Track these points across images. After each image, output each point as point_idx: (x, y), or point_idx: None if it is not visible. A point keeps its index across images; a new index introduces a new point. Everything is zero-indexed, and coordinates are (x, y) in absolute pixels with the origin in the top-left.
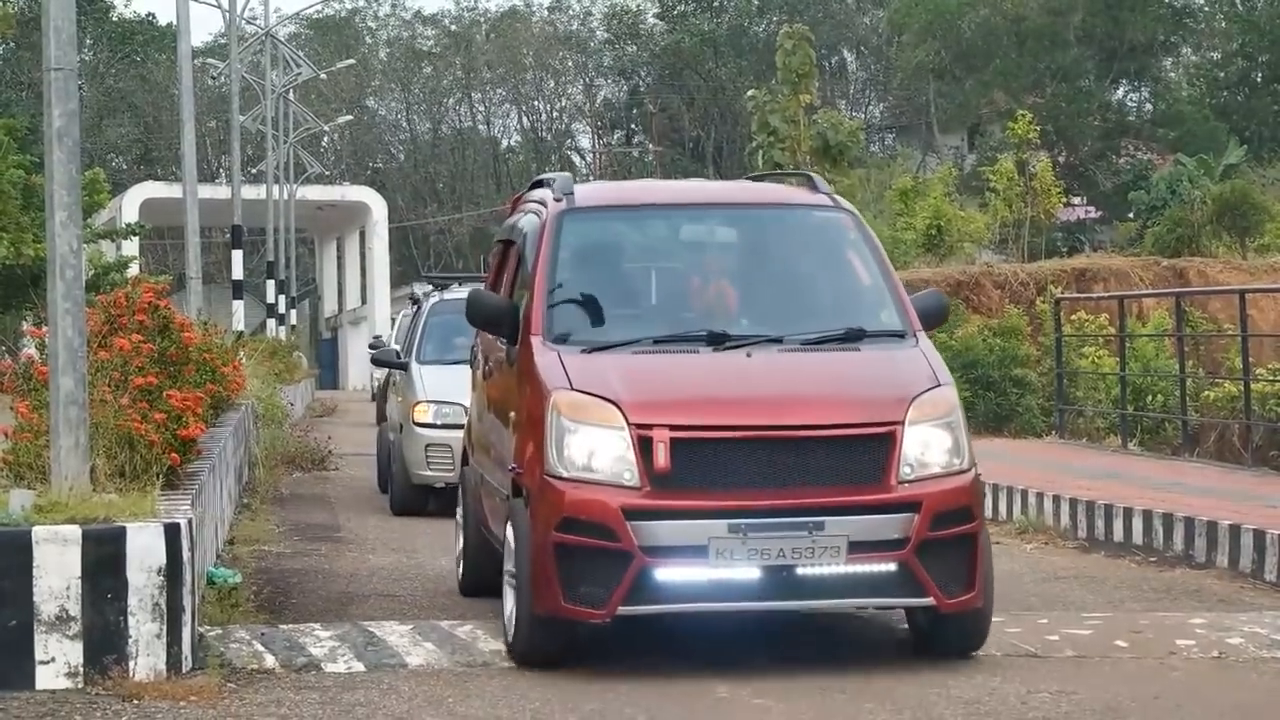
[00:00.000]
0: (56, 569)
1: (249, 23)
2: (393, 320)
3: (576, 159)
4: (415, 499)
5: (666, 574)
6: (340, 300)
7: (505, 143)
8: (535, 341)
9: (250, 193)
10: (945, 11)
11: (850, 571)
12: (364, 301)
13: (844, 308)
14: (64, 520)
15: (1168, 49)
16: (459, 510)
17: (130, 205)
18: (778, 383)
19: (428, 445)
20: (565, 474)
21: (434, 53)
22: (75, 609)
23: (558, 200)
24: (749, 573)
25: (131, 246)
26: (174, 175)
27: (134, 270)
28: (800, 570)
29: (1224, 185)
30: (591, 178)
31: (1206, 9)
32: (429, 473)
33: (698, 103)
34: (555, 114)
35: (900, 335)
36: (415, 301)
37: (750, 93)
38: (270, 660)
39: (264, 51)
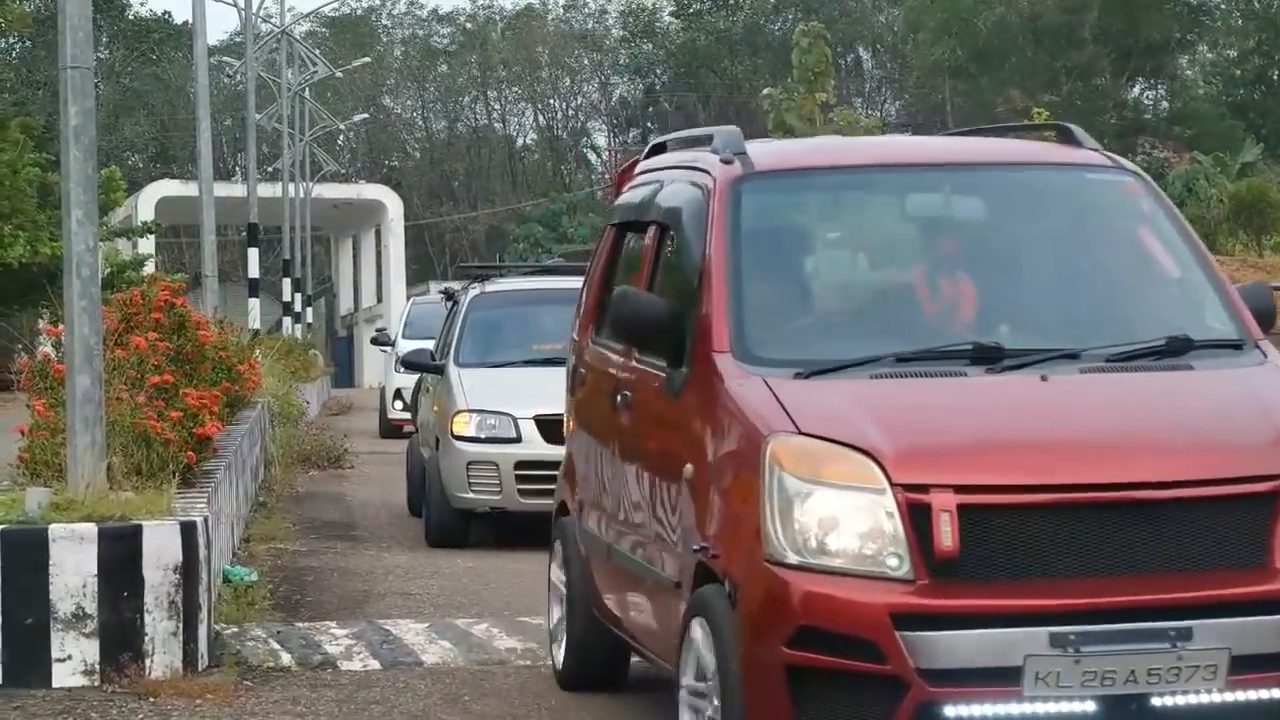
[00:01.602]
0: (73, 567)
1: (265, 21)
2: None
3: (592, 157)
4: (455, 527)
5: (961, 710)
6: (356, 298)
7: (521, 141)
8: (723, 362)
9: (266, 191)
10: (961, 10)
11: (1233, 701)
12: (379, 300)
13: (1152, 307)
14: (80, 518)
15: (1184, 47)
16: (553, 571)
17: (146, 203)
18: (1098, 418)
19: (470, 463)
20: (795, 559)
21: (449, 51)
22: (91, 607)
23: (728, 163)
24: (1083, 706)
25: (147, 245)
26: (190, 173)
27: (150, 268)
28: (1157, 701)
29: (1240, 183)
30: (607, 176)
31: (1223, 7)
32: (471, 495)
33: (713, 101)
34: (571, 112)
35: (1237, 345)
36: (450, 298)
37: (766, 91)
38: (286, 658)
39: (280, 50)
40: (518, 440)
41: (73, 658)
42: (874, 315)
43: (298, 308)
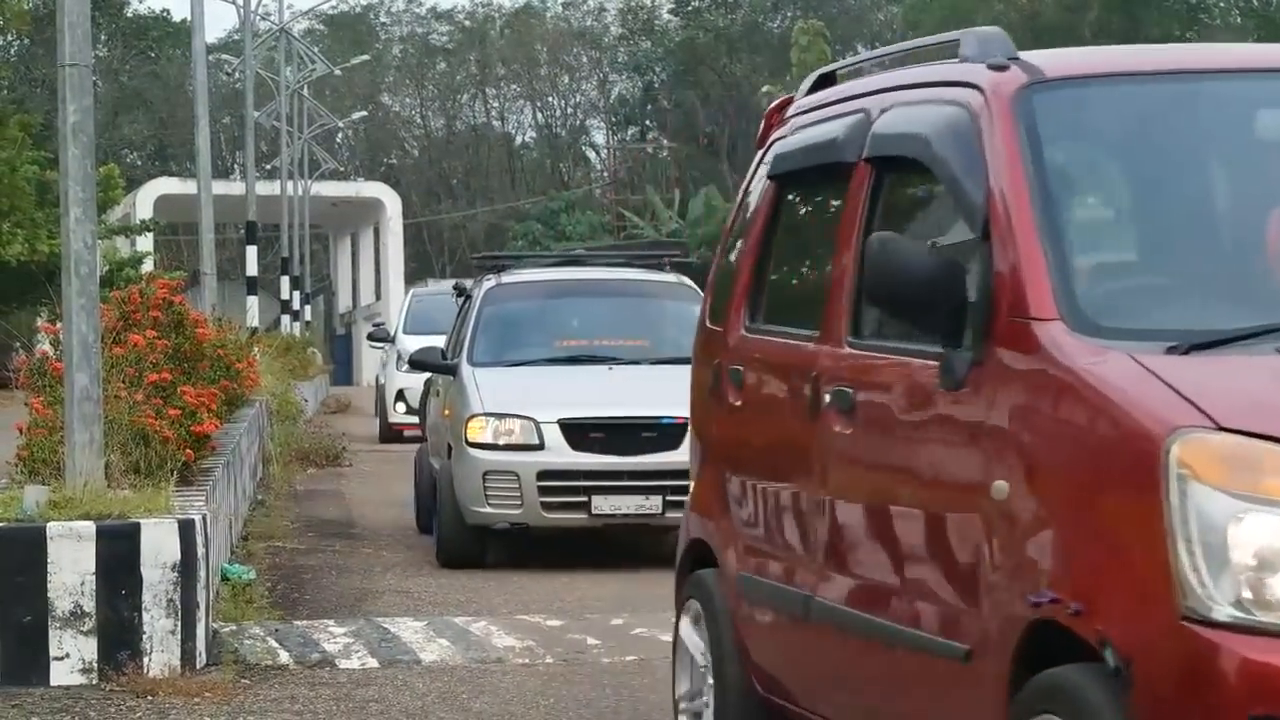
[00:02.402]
0: (71, 565)
1: (263, 19)
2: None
3: (591, 155)
4: (470, 546)
5: None
6: (354, 296)
7: (520, 139)
8: (1051, 334)
9: (264, 189)
10: (960, 7)
11: None
12: (378, 298)
13: None
14: (78, 516)
15: (1183, 44)
16: (686, 632)
17: (145, 201)
18: None
19: (486, 473)
20: (1231, 614)
21: (448, 49)
22: (90, 605)
23: (1000, 68)
24: None
25: (146, 242)
26: (188, 171)
27: (148, 266)
28: None
29: None
30: (606, 174)
31: (1222, 4)
32: (488, 510)
33: (712, 99)
34: (570, 110)
35: None
36: (462, 293)
37: (765, 89)
38: (284, 656)
39: (278, 47)
40: (540, 447)
41: (71, 656)
42: (1243, 268)
43: (296, 306)
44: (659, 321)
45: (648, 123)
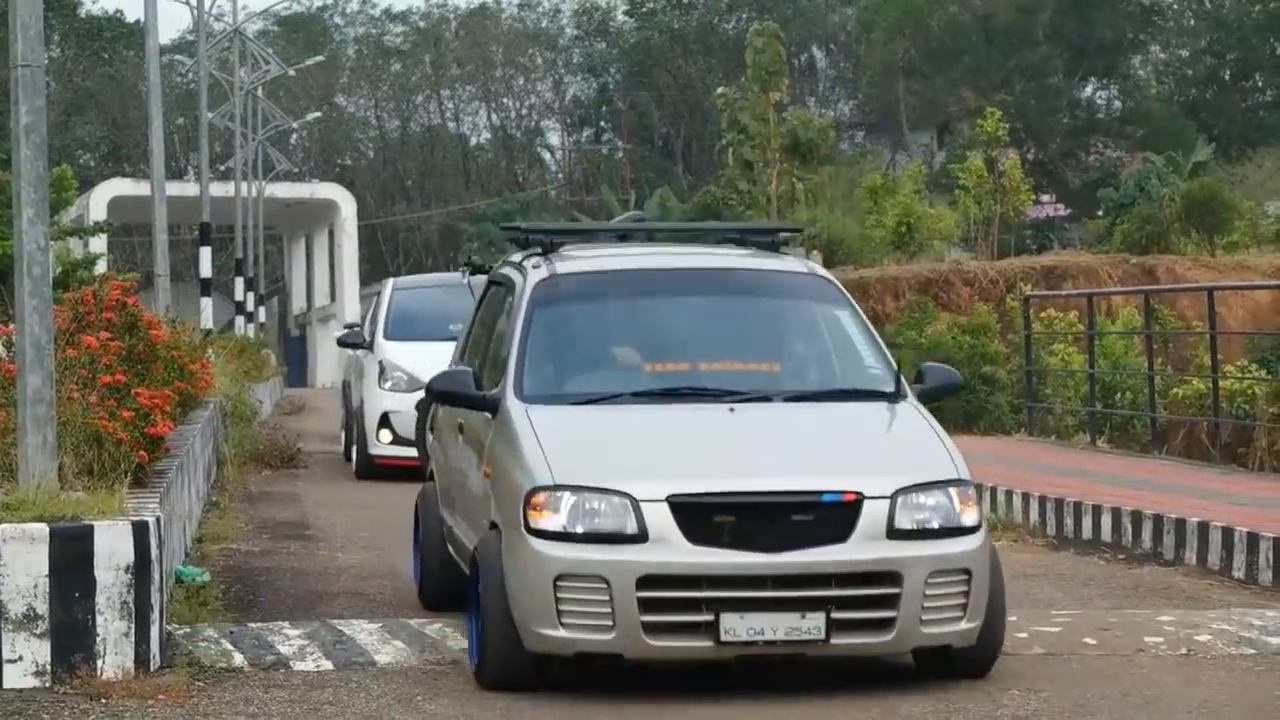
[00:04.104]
0: (24, 567)
1: (217, 20)
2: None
3: (546, 156)
4: (525, 673)
5: None
6: (309, 298)
7: (475, 140)
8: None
9: (218, 190)
10: (914, 9)
11: None
12: (333, 299)
13: None
14: (31, 518)
15: (1136, 47)
16: None
17: (98, 202)
18: None
19: (559, 578)
20: None
21: (403, 50)
22: (43, 607)
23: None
24: None
25: (99, 244)
26: (142, 172)
27: (102, 268)
28: None
29: (1192, 183)
30: (561, 176)
31: (1175, 7)
32: (561, 634)
33: (667, 100)
34: (524, 111)
35: None
36: (479, 271)
37: (720, 90)
38: (239, 659)
39: (232, 48)
40: (642, 539)
41: (24, 659)
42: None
43: (250, 307)
44: (795, 334)
45: (602, 124)
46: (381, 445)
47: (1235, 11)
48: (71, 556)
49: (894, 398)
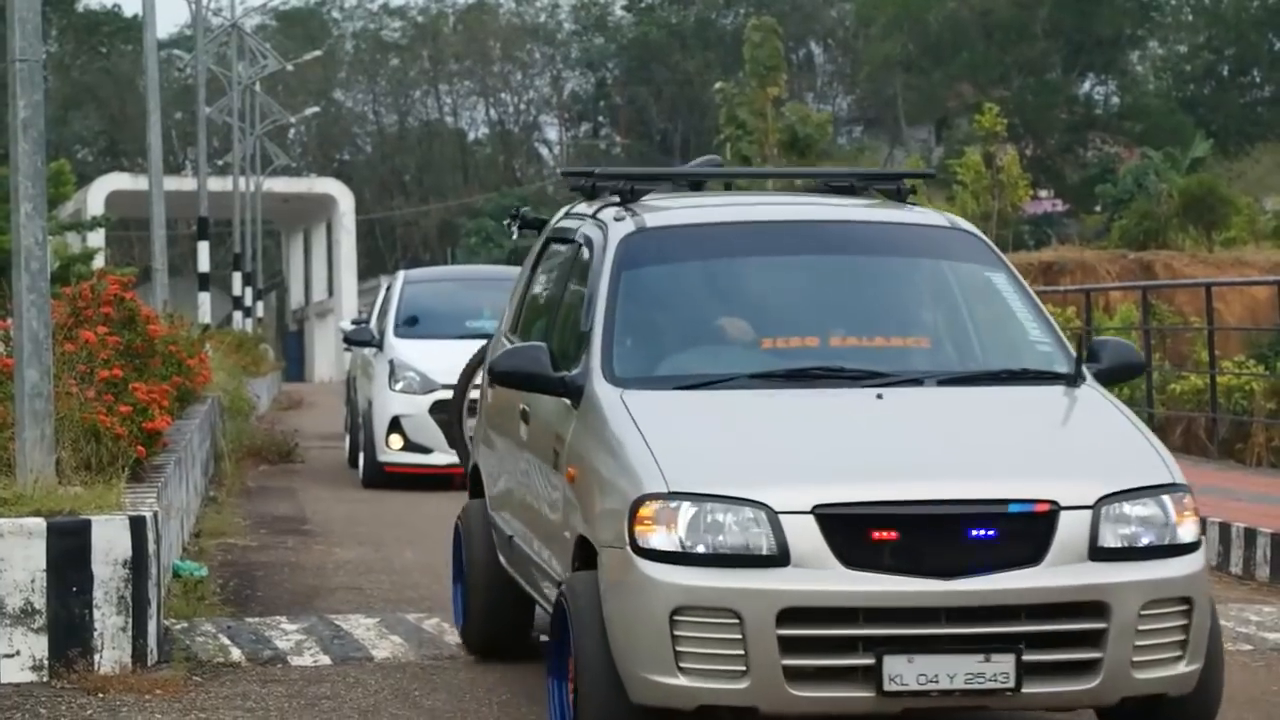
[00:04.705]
0: (21, 562)
1: (215, 14)
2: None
3: (544, 151)
4: None
5: None
6: (307, 293)
7: (472, 135)
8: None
9: (216, 185)
10: (913, 4)
11: None
12: (330, 294)
13: None
14: (29, 513)
15: (1134, 42)
16: None
17: (96, 197)
18: None
19: (677, 612)
20: None
21: (401, 44)
22: (40, 602)
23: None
24: None
25: (97, 238)
26: (140, 167)
27: (99, 262)
28: None
29: (1190, 178)
30: (560, 171)
31: (1173, 2)
32: (680, 682)
33: (665, 95)
34: (522, 106)
35: None
36: (530, 225)
37: (718, 85)
38: (236, 653)
39: (230, 43)
40: (781, 560)
41: (21, 653)
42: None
43: (248, 302)
44: (942, 301)
45: (600, 119)
46: (392, 451)
47: (1234, 7)
48: (69, 551)
49: (1072, 380)
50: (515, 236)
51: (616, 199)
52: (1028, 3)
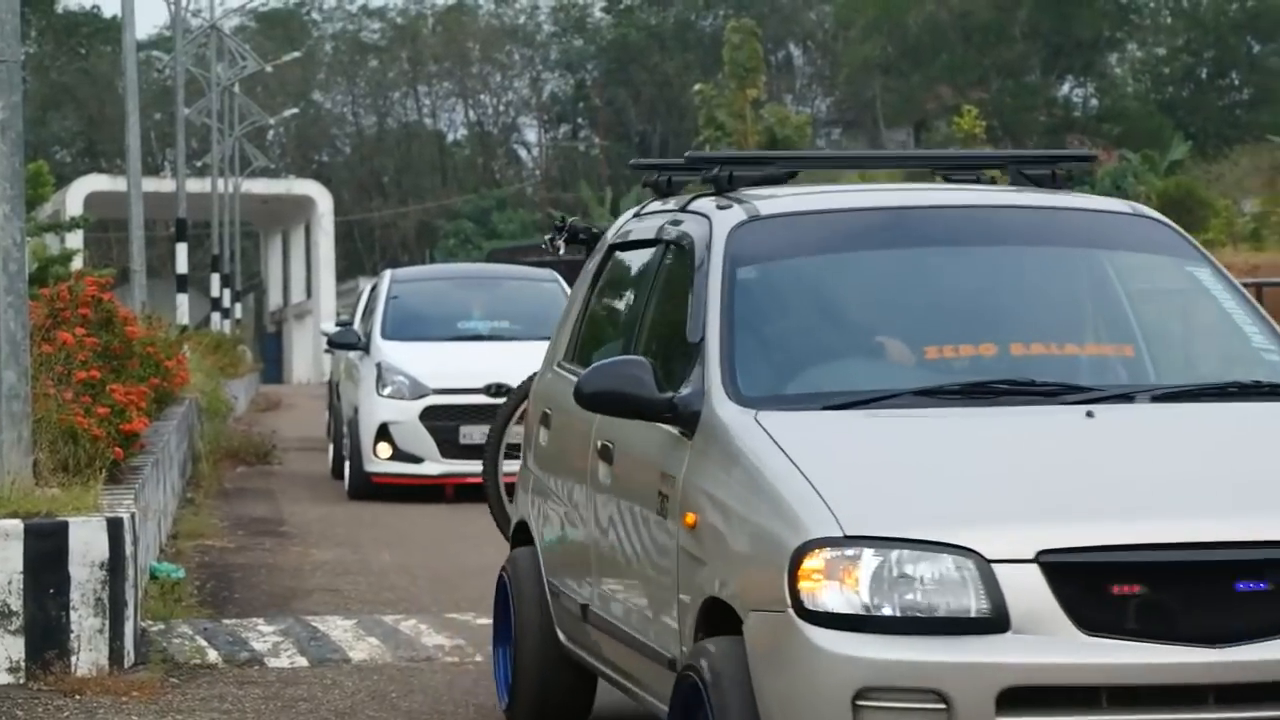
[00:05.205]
0: None
1: (194, 15)
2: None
3: (523, 153)
4: None
5: None
6: (285, 294)
7: (451, 136)
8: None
9: (195, 186)
10: (892, 6)
11: None
12: (309, 296)
13: None
14: (6, 515)
15: (1113, 45)
16: None
17: (74, 198)
18: None
19: (861, 696)
20: None
21: (380, 46)
22: (17, 604)
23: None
24: None
25: (75, 240)
26: (118, 168)
27: (78, 264)
28: None
29: (1169, 181)
30: (538, 172)
31: (1152, 4)
32: None
33: (644, 97)
34: (501, 108)
35: None
36: (579, 240)
37: (697, 87)
38: (213, 655)
39: (209, 44)
40: (998, 624)
41: None
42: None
43: (226, 303)
44: (1138, 302)
45: (579, 120)
46: (380, 461)
47: (1212, 10)
48: (46, 553)
49: None
50: (562, 252)
51: (710, 189)
52: (1007, 5)
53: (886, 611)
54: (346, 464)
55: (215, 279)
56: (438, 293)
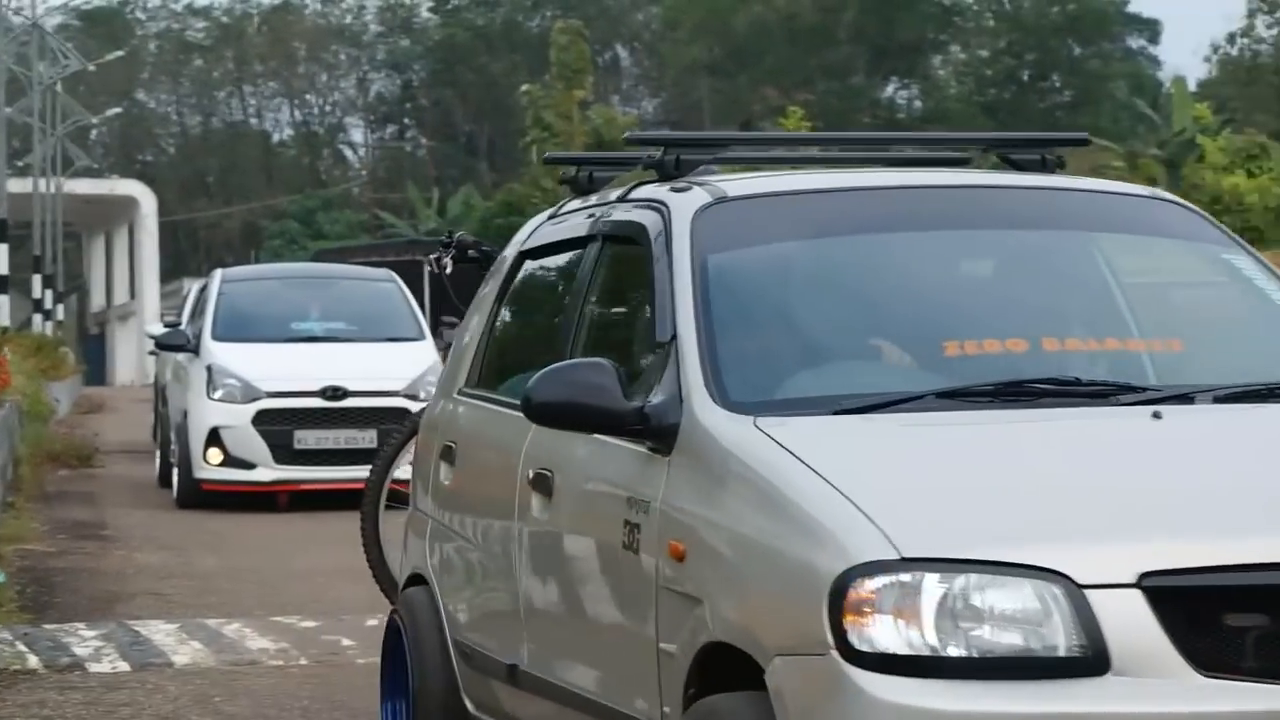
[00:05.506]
0: None
1: (16, 14)
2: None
3: (349, 153)
4: None
5: None
6: (109, 296)
7: (277, 136)
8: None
9: (16, 186)
10: (718, 8)
11: None
12: (133, 297)
13: None
14: None
15: (937, 47)
16: None
17: None
18: None
19: None
20: None
21: (205, 45)
22: None
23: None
24: None
25: None
26: None
27: None
28: None
29: None
30: (364, 173)
31: (975, 8)
32: None
33: (471, 97)
34: (327, 108)
35: None
36: (471, 259)
37: (525, 88)
38: (33, 660)
39: (31, 42)
40: (1095, 664)
41: None
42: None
43: (48, 305)
44: (1179, 292)
45: (406, 121)
46: (210, 468)
47: (1034, 13)
48: None
49: None
50: (449, 270)
51: (659, 174)
52: (832, 7)
53: (956, 651)
54: (175, 471)
55: (37, 280)
56: (270, 292)
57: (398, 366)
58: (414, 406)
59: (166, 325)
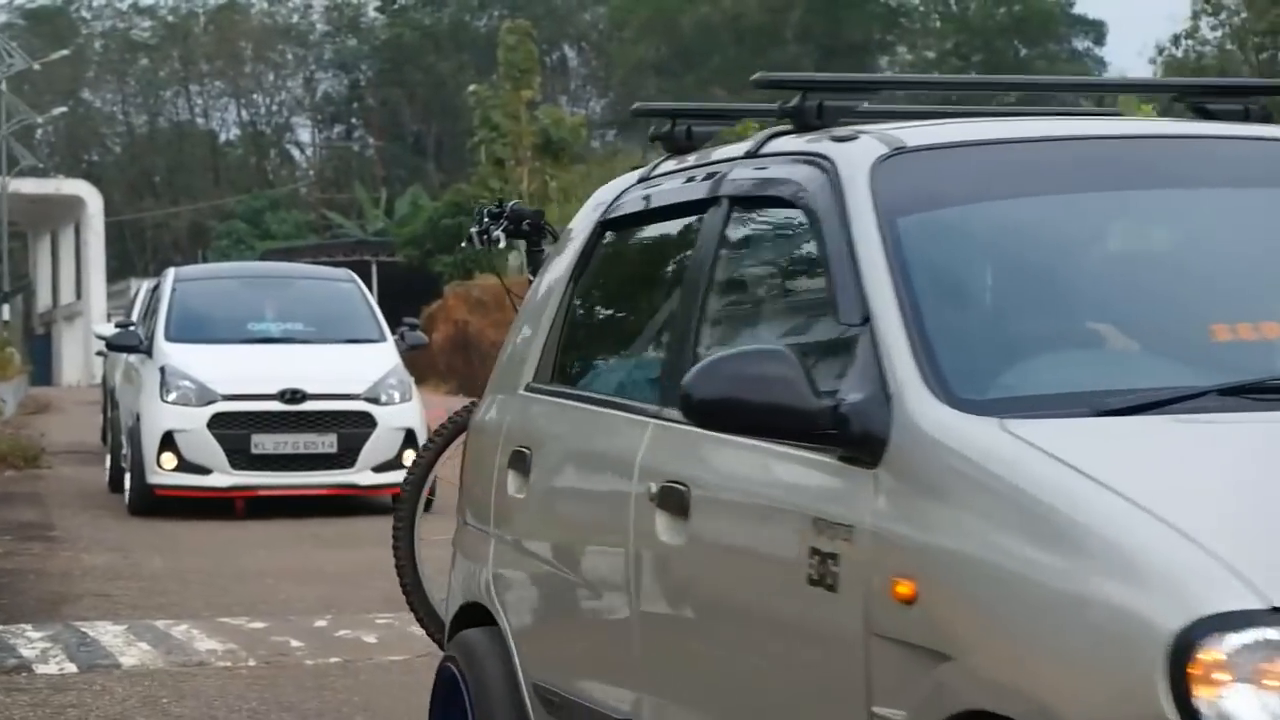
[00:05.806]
0: None
1: None
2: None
3: (296, 153)
4: None
5: None
6: (55, 296)
7: (224, 136)
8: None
9: None
10: (665, 8)
11: None
12: (79, 297)
13: None
14: None
15: (884, 47)
16: None
17: None
18: None
19: None
20: None
21: (151, 44)
22: None
23: None
24: None
25: None
26: None
27: None
28: None
29: None
30: (311, 173)
31: (921, 9)
32: None
33: (419, 97)
34: (275, 107)
35: None
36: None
37: (472, 88)
38: None
39: None
40: None
41: None
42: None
43: None
44: None
45: (354, 121)
46: (164, 472)
47: (980, 14)
48: None
49: None
50: (501, 245)
51: (798, 123)
52: (779, 7)
53: None
54: (127, 476)
55: None
56: (226, 292)
57: (358, 369)
58: (375, 410)
59: (118, 325)
